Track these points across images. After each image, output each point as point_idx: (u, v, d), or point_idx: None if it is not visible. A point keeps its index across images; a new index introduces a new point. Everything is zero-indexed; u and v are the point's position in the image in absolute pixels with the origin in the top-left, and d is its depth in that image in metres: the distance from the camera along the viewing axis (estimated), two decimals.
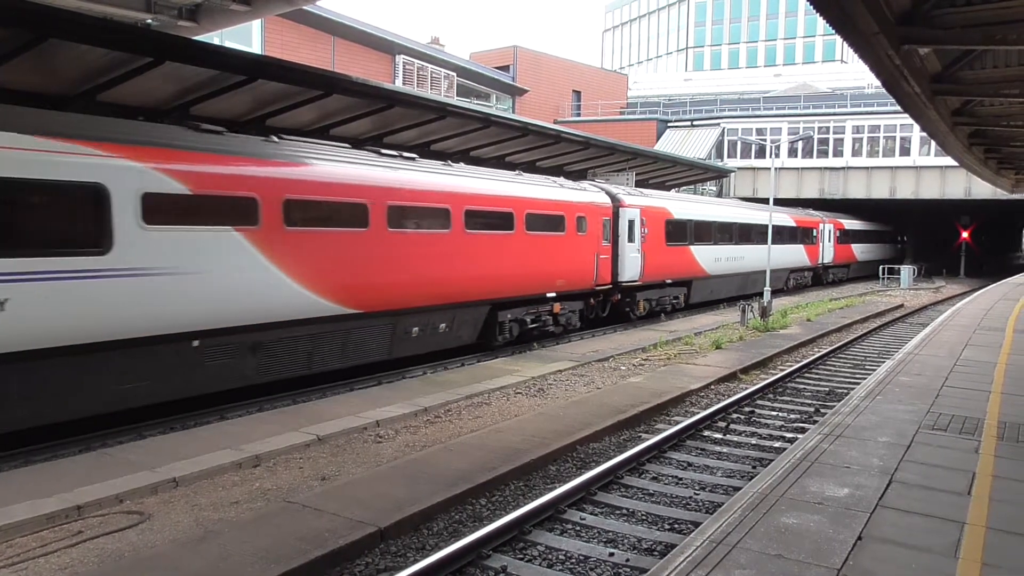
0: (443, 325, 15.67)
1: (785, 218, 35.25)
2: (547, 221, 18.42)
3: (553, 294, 18.93)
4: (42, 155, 9.12)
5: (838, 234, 43.23)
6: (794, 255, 36.88)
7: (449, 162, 16.93)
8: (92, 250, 9.66)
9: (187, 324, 10.74)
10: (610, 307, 22.38)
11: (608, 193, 21.80)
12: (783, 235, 34.78)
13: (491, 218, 16.65)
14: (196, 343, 10.91)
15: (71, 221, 9.74)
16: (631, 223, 22.00)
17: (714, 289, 28.72)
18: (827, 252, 41.43)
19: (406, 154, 15.41)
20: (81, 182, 9.48)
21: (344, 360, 13.58)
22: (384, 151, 14.99)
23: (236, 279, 11.29)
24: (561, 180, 20.67)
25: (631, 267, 22.06)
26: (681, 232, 25.28)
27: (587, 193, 20.76)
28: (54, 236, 9.51)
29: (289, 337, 12.35)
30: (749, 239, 30.68)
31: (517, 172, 19.61)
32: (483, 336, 17.20)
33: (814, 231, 39.42)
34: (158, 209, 10.28)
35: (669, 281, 24.84)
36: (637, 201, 22.81)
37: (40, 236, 9.40)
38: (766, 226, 28.11)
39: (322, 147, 13.52)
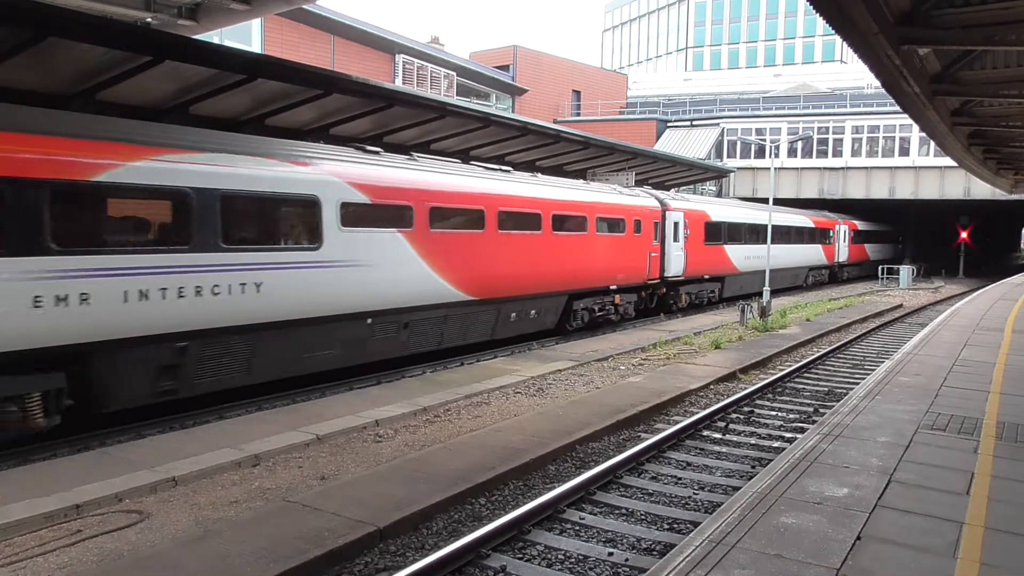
0: (533, 312, 18.49)
1: (805, 220, 37.86)
2: (611, 224, 21.16)
3: (615, 287, 21.67)
4: (284, 176, 12.11)
5: (852, 235, 45.62)
6: (814, 254, 39.68)
7: (537, 174, 20.34)
8: (310, 246, 12.50)
9: (365, 305, 13.53)
10: (657, 300, 24.89)
11: (657, 198, 24.42)
12: (803, 236, 37.68)
13: (570, 221, 19.45)
14: (369, 320, 13.69)
15: (296, 224, 12.55)
16: (676, 225, 24.63)
17: (743, 284, 30.84)
18: (842, 251, 44.01)
19: (503, 168, 18.53)
20: (305, 194, 12.42)
21: (462, 338, 16.44)
22: (489, 166, 18.08)
23: (397, 270, 14.13)
24: (619, 187, 23.25)
25: (676, 264, 24.71)
26: (717, 233, 27.90)
27: (641, 198, 23.42)
28: (289, 235, 12.46)
29: (429, 318, 15.16)
30: (774, 239, 31.78)
31: (586, 181, 22.80)
32: (560, 322, 19.96)
33: (831, 232, 41.91)
34: (350, 215, 13.09)
35: (707, 277, 27.61)
36: (681, 205, 25.52)
37: (280, 235, 12.34)
38: (789, 228, 32.85)
39: (447, 163, 16.58)
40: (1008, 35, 9.87)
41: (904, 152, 43.53)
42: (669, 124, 50.65)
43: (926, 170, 42.86)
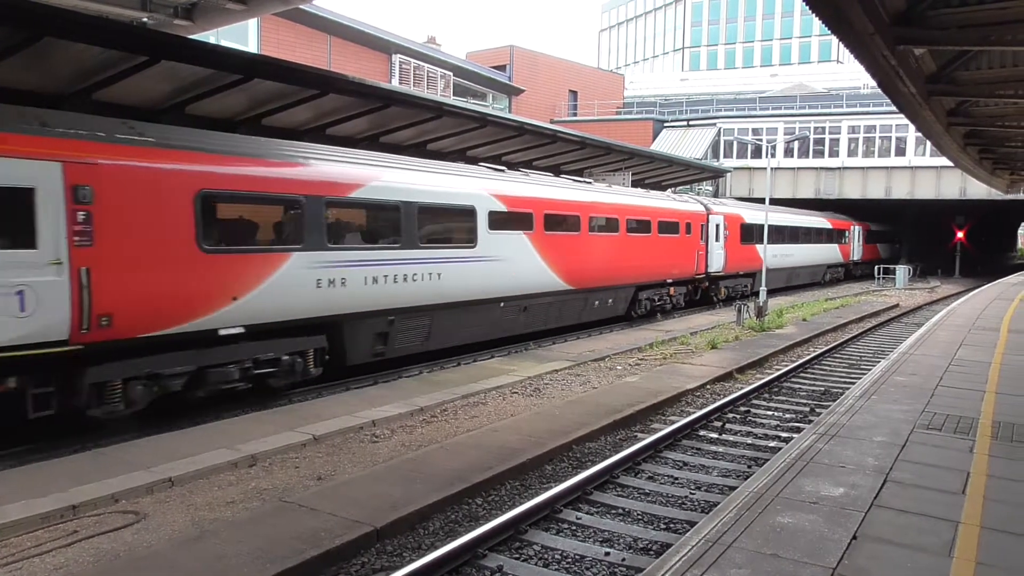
0: (610, 300, 22.16)
1: (824, 222, 41.89)
2: (669, 227, 24.59)
3: (671, 280, 25.32)
4: (456, 190, 15.94)
5: (864, 235, 49.45)
6: (832, 253, 43.78)
7: (612, 184, 24.32)
8: (469, 245, 16.18)
9: (501, 291, 17.18)
10: (700, 292, 28.63)
11: (702, 204, 28.10)
12: (823, 236, 41.71)
13: (639, 225, 23.02)
14: (502, 304, 17.37)
15: (461, 228, 16.16)
16: (717, 227, 28.32)
17: (771, 279, 33.24)
18: (856, 250, 48.01)
19: (590, 180, 23.09)
20: (467, 205, 16.18)
21: (558, 321, 20.06)
22: (578, 179, 22.26)
23: (522, 264, 17.76)
24: (672, 195, 27.34)
25: (717, 261, 28.53)
26: (750, 233, 31.36)
27: (690, 204, 27.27)
28: (456, 237, 16.15)
29: (541, 303, 18.82)
30: (797, 239, 37.68)
31: (646, 190, 26.42)
32: (628, 310, 23.58)
33: (847, 232, 45.89)
34: (494, 220, 16.78)
35: (741, 273, 31.28)
36: (721, 209, 29.30)
37: (452, 236, 16.10)
38: (810, 229, 38.01)
39: (551, 177, 20.54)
40: (1004, 35, 9.89)
41: (900, 152, 43.58)
42: (666, 124, 50.66)
43: (922, 170, 42.92)
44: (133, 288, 10.11)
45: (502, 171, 18.24)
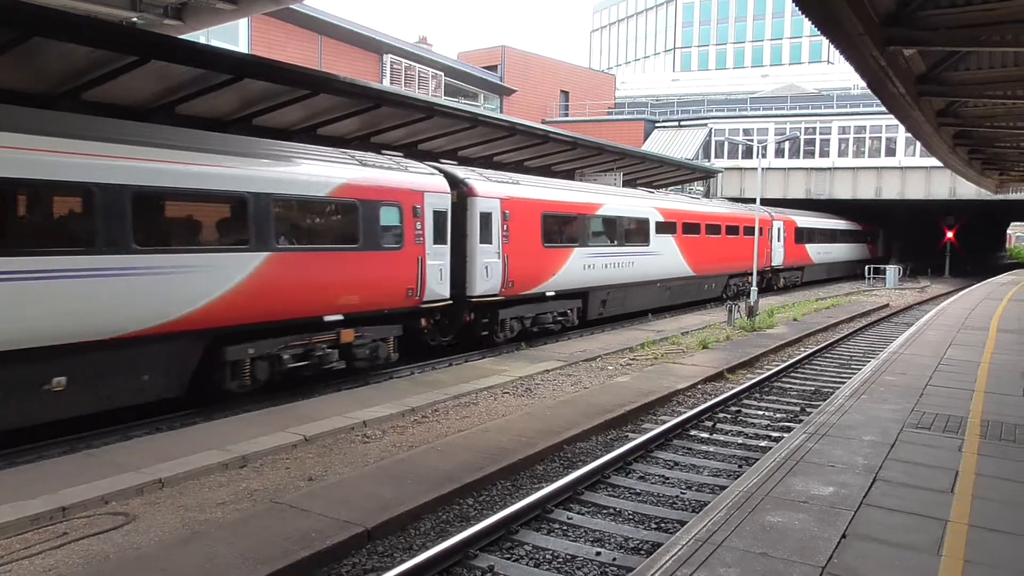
0: (712, 284, 29.97)
1: (856, 225, 49.30)
2: (749, 230, 29.87)
3: (750, 271, 30.10)
4: (641, 208, 23.83)
5: (884, 236, 57.50)
6: (863, 251, 51.56)
7: (701, 198, 34.80)
8: (644, 244, 23.66)
9: (660, 276, 24.74)
10: (766, 281, 35.25)
11: (769, 213, 34.58)
12: (855, 237, 49.59)
13: (733, 229, 30.78)
14: (658, 284, 24.80)
15: (640, 232, 23.60)
16: (779, 230, 35.69)
17: (815, 272, 42.63)
18: (880, 249, 55.96)
19: (694, 196, 35.81)
20: (645, 216, 23.82)
21: (683, 299, 27.63)
22: (696, 197, 34.42)
23: (670, 258, 25.41)
24: (750, 207, 31.98)
25: (777, 257, 35.88)
26: (801, 235, 38.95)
27: (761, 212, 31.95)
28: (639, 238, 23.40)
29: (677, 285, 26.51)
30: (835, 239, 45.48)
31: (722, 200, 36.90)
32: (722, 292, 30.66)
33: (871, 234, 53.38)
34: (657, 227, 24.35)
35: (794, 267, 38.72)
36: (781, 215, 36.39)
37: (638, 238, 23.32)
38: (848, 230, 47.56)
39: (684, 196, 31.72)
40: (993, 36, 9.96)
41: (891, 152, 43.75)
42: (657, 124, 50.70)
43: (912, 170, 43.08)
44: None
45: (654, 193, 28.39)
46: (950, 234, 51.47)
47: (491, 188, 17.17)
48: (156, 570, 6.11)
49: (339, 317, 13.28)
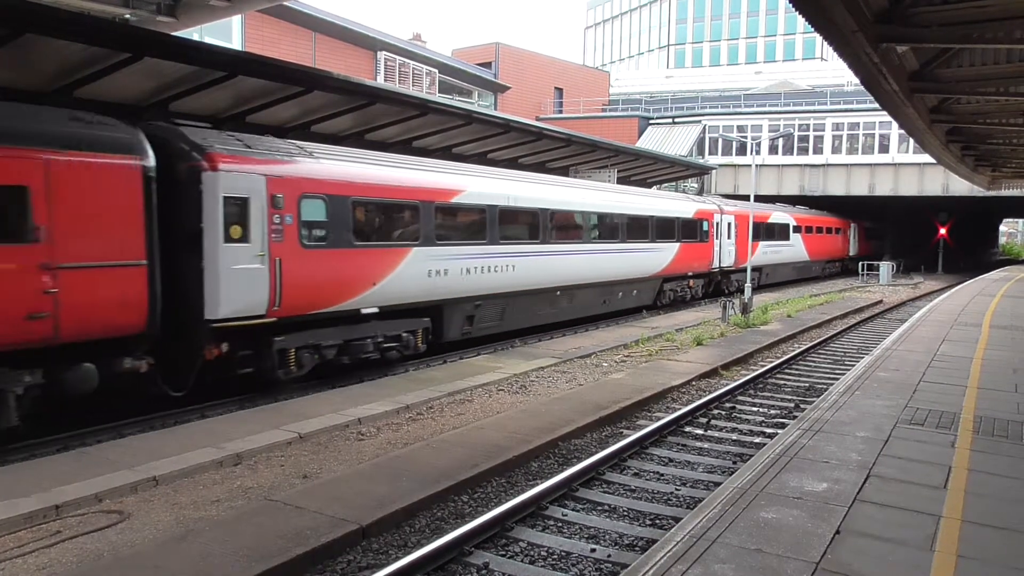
0: (815, 267, 41.97)
1: (834, 220, 52.03)
2: (830, 229, 40.86)
3: (834, 259, 43.51)
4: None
5: (861, 232, 58.02)
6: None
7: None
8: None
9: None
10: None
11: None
12: (829, 232, 54.15)
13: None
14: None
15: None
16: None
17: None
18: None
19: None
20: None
21: (797, 276, 40.72)
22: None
23: (794, 251, 39.01)
24: (828, 213, 43.91)
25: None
26: (869, 233, 50.19)
27: (833, 218, 43.94)
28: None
29: (800, 266, 40.40)
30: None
31: (785, 205, 40.68)
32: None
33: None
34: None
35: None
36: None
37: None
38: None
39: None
40: (985, 32, 9.99)
41: (884, 149, 43.85)
42: (651, 121, 50.75)
43: (905, 167, 43.20)
44: None
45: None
46: (943, 230, 51.63)
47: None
48: (150, 568, 6.10)
49: None
